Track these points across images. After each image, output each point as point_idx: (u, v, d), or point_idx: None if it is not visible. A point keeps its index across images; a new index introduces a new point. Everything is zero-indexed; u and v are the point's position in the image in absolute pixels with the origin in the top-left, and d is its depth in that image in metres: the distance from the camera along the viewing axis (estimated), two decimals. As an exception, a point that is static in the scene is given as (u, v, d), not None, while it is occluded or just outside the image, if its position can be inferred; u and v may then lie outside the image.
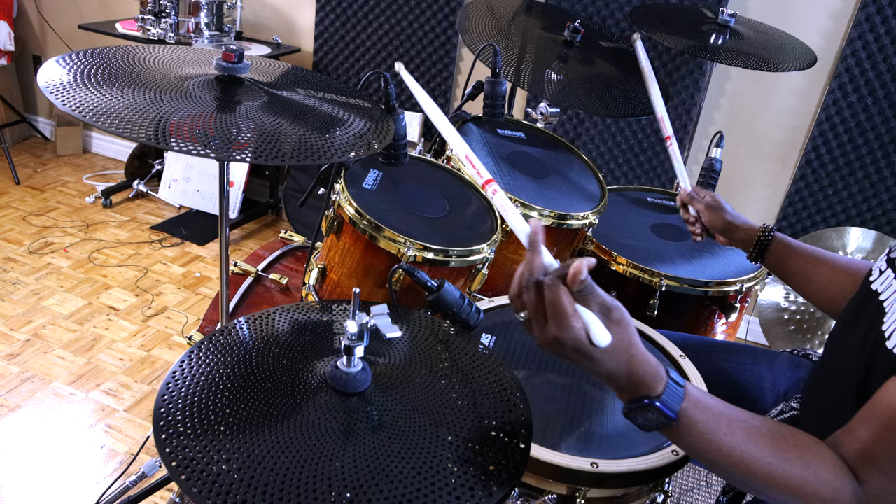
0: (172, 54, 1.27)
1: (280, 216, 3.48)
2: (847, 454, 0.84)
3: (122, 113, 0.99)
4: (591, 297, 0.79)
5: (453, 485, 0.78)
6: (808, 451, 0.84)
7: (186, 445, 0.78)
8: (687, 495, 2.09)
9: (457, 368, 0.99)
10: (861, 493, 0.82)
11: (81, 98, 1.01)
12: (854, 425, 0.85)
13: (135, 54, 1.22)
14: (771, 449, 0.83)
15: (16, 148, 3.76)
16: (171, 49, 1.29)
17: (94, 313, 2.56)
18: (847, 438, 0.85)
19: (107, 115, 0.98)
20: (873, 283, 1.02)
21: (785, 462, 0.83)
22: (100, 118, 0.96)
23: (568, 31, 1.97)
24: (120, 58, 1.18)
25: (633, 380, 0.82)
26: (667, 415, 0.82)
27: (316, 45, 3.15)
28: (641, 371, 0.81)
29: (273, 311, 1.05)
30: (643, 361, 0.82)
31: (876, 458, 0.82)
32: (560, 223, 1.53)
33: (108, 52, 1.19)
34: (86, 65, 1.12)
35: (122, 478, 1.82)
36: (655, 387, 0.82)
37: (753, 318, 2.82)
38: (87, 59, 1.14)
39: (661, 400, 0.81)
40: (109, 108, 1.00)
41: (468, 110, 1.73)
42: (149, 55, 1.23)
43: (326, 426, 0.83)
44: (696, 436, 0.84)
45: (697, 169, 2.66)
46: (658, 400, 0.81)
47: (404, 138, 1.34)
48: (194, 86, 1.12)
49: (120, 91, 1.05)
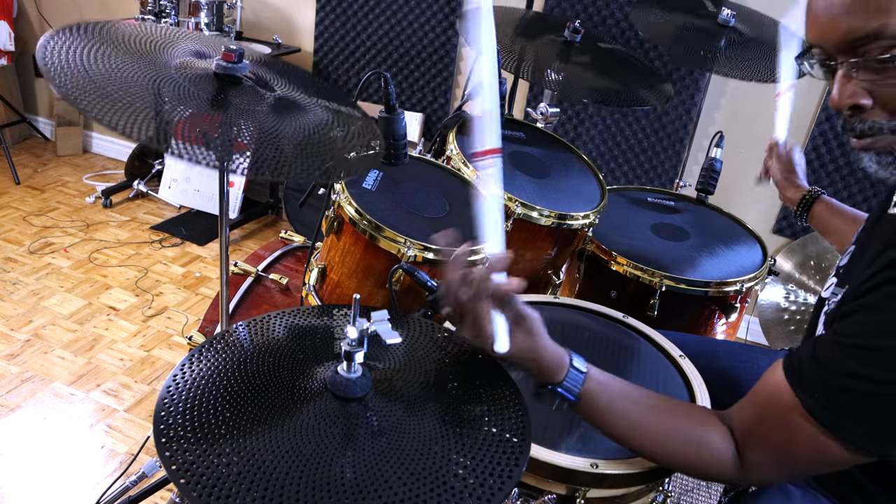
0: (174, 37, 1.26)
1: (280, 216, 3.48)
2: (734, 428, 0.94)
3: (120, 105, 0.97)
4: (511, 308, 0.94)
5: (452, 485, 0.78)
6: (700, 424, 0.96)
7: (187, 449, 0.78)
8: (687, 495, 2.10)
9: (453, 371, 0.99)
10: (740, 463, 0.92)
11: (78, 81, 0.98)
12: (743, 402, 0.95)
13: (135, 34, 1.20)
14: (668, 423, 0.96)
15: (16, 148, 3.76)
16: (173, 31, 1.28)
17: (95, 313, 2.56)
18: (735, 413, 0.95)
19: (104, 106, 0.95)
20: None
21: (680, 435, 0.95)
22: (95, 107, 0.94)
23: (568, 32, 1.97)
24: (120, 37, 1.17)
25: (539, 371, 0.96)
26: (567, 398, 0.95)
27: (316, 45, 3.15)
28: (545, 363, 0.95)
29: (274, 316, 1.05)
30: (547, 357, 0.95)
31: (752, 433, 0.92)
32: (560, 223, 1.53)
33: (109, 29, 1.17)
34: (85, 43, 1.11)
35: (122, 478, 1.82)
36: (557, 374, 0.95)
37: (753, 318, 2.82)
38: (86, 35, 1.13)
39: (563, 385, 0.95)
40: (107, 96, 0.97)
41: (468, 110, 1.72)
42: (150, 36, 1.22)
43: (326, 431, 0.83)
44: (600, 413, 0.97)
45: (697, 169, 2.66)
46: (560, 386, 0.95)
47: (404, 138, 1.34)
48: (192, 80, 1.12)
49: (119, 74, 1.04)
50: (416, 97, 3.08)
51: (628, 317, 1.39)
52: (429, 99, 3.06)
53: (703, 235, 1.79)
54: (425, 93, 3.06)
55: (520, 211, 1.49)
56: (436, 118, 3.08)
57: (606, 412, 0.97)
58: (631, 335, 1.35)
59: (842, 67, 0.82)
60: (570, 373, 0.96)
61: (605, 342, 1.32)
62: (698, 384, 1.20)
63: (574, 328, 1.35)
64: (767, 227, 2.76)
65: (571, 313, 1.40)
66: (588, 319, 1.39)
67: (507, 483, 0.80)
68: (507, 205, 1.50)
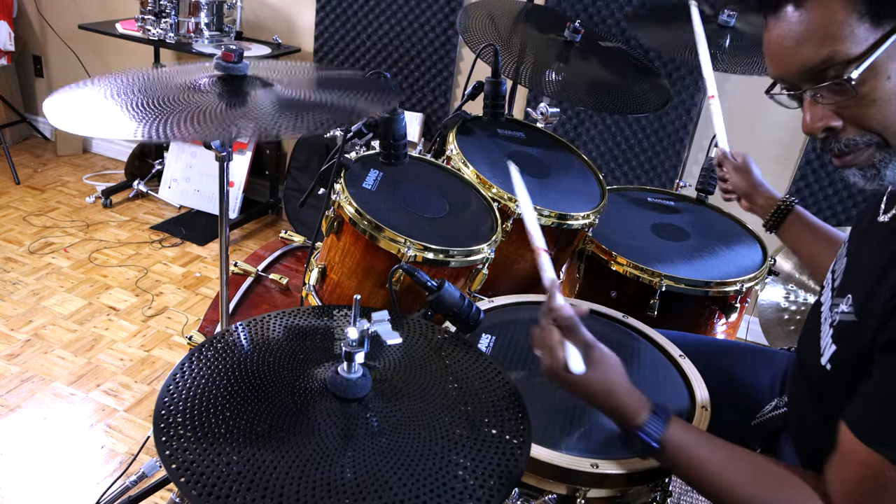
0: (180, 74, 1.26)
1: (280, 216, 3.48)
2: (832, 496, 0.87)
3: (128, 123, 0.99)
4: (577, 336, 0.97)
5: (452, 485, 0.78)
6: (786, 485, 0.91)
7: (187, 448, 0.78)
8: (687, 495, 2.09)
9: (453, 372, 0.99)
10: None
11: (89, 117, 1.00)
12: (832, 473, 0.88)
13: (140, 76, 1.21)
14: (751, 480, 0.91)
15: (16, 148, 3.76)
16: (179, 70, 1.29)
17: (95, 313, 2.56)
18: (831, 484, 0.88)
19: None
20: (823, 293, 1.07)
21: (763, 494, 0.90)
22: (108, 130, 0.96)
23: (568, 31, 1.97)
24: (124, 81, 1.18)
25: (617, 410, 0.96)
26: (648, 442, 0.94)
27: (316, 45, 3.15)
28: (622, 402, 0.96)
29: (274, 316, 1.05)
30: (623, 396, 0.96)
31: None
32: (560, 223, 1.53)
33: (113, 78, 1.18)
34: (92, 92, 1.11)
35: (122, 478, 1.82)
36: (637, 417, 0.95)
37: (753, 318, 2.82)
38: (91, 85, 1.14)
39: (643, 429, 0.94)
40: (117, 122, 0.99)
41: (468, 110, 1.72)
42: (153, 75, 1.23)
43: (326, 431, 0.83)
44: (682, 464, 0.94)
45: (697, 169, 2.66)
46: (639, 429, 0.94)
47: (404, 138, 1.34)
48: (196, 87, 1.12)
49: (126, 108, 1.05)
50: (416, 97, 3.08)
51: (628, 317, 1.39)
52: (429, 99, 3.06)
53: (703, 235, 1.79)
54: (425, 93, 3.06)
55: (520, 211, 1.49)
56: (436, 118, 3.08)
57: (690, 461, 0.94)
58: (631, 335, 1.35)
59: (807, 95, 0.87)
60: (651, 417, 0.95)
61: (605, 342, 1.31)
62: (698, 384, 1.20)
63: (574, 328, 1.35)
64: (767, 227, 2.76)
65: (571, 313, 1.40)
66: (588, 319, 1.38)
67: (507, 484, 0.80)
68: (507, 205, 1.51)
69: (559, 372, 0.96)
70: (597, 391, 0.97)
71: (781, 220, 1.41)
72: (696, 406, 1.15)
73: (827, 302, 1.01)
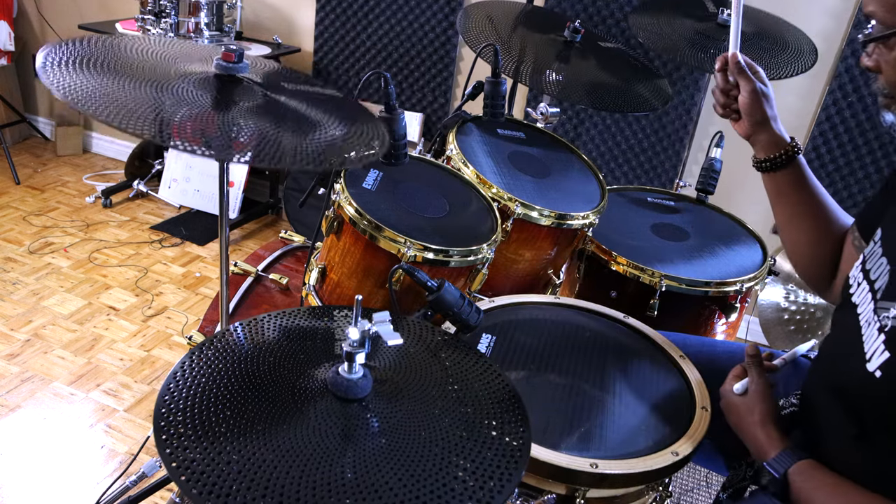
0: (173, 48, 1.26)
1: (280, 216, 3.48)
2: None
3: (121, 106, 0.98)
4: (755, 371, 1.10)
5: (452, 486, 0.78)
6: None
7: (187, 447, 0.78)
8: (687, 495, 2.10)
9: (453, 373, 0.99)
10: None
11: (79, 87, 0.99)
12: None
13: (134, 45, 1.21)
14: None
15: (16, 148, 3.76)
16: (171, 43, 1.28)
17: (94, 313, 2.56)
18: None
19: (105, 107, 0.96)
20: (853, 294, 1.03)
21: None
22: (97, 109, 0.94)
23: (568, 31, 1.97)
24: (119, 48, 1.17)
25: (756, 440, 1.03)
26: (772, 474, 0.97)
27: (316, 45, 3.15)
28: (763, 437, 1.02)
29: (274, 316, 1.05)
30: (766, 430, 1.02)
31: None
32: (560, 223, 1.53)
33: (108, 42, 1.18)
34: (84, 54, 1.11)
35: (122, 478, 1.82)
36: (768, 452, 1.00)
37: (753, 318, 2.82)
38: (85, 47, 1.13)
39: (769, 462, 0.98)
40: (107, 98, 0.98)
41: (468, 110, 1.72)
42: (148, 47, 1.22)
43: (327, 431, 0.83)
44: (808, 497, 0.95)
45: (697, 169, 2.66)
46: (766, 462, 0.99)
47: (404, 138, 1.34)
48: (193, 84, 1.12)
49: (118, 82, 1.04)
50: (416, 97, 3.08)
51: (628, 317, 1.39)
52: (429, 99, 3.06)
53: (703, 235, 1.79)
54: (425, 93, 3.06)
55: (520, 211, 1.49)
56: (436, 118, 3.08)
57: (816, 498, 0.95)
58: (631, 335, 1.35)
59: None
60: (781, 453, 0.99)
61: (605, 342, 1.32)
62: (698, 384, 1.20)
63: (574, 328, 1.35)
64: (767, 227, 2.74)
65: (571, 313, 1.40)
66: (588, 319, 1.39)
67: (507, 486, 0.80)
68: (506, 205, 1.51)
69: (725, 390, 1.10)
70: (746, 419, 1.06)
71: (783, 165, 1.22)
72: (696, 406, 1.15)
73: (866, 304, 0.98)
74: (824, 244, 1.23)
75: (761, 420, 1.04)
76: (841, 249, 1.22)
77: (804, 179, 1.22)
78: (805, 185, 1.22)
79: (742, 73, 1.23)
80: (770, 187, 1.25)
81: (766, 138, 1.23)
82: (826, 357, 1.10)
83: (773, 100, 1.24)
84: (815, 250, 1.24)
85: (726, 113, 1.28)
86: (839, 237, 1.23)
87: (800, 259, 1.27)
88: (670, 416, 1.14)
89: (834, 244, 1.23)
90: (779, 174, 1.23)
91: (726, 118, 1.29)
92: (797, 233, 1.25)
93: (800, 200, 1.23)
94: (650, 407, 1.16)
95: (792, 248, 1.28)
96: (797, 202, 1.23)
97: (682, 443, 1.06)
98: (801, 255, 1.27)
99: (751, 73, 1.23)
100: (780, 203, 1.25)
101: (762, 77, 1.25)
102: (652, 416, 1.13)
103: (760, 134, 1.24)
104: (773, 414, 1.05)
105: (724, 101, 1.28)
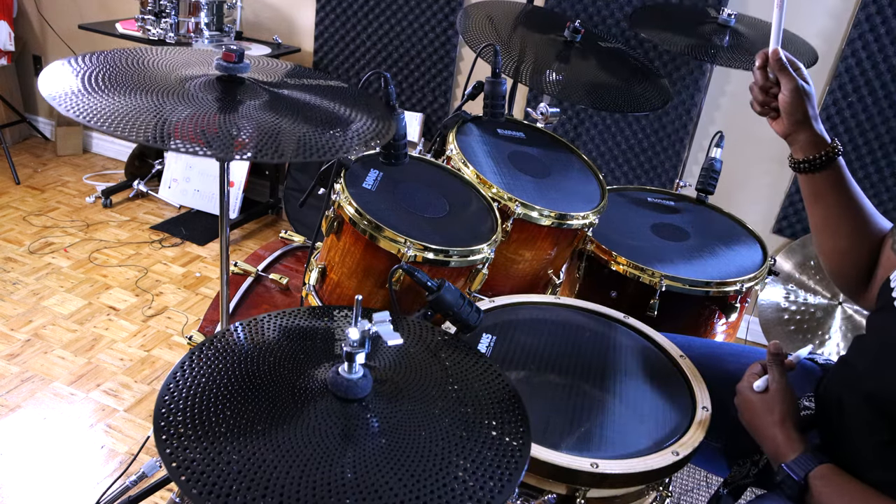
0: (174, 56, 1.26)
1: (280, 216, 3.48)
2: None
3: (125, 116, 0.99)
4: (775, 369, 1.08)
5: (452, 486, 0.78)
6: None
7: (187, 446, 0.78)
8: (687, 495, 2.10)
9: (453, 373, 0.99)
10: None
11: (84, 103, 1.01)
12: None
13: (136, 57, 1.22)
14: None
15: (16, 148, 3.76)
16: (173, 51, 1.29)
17: (95, 313, 2.56)
18: None
19: (110, 119, 0.97)
20: (893, 290, 1.01)
21: None
22: (103, 122, 0.96)
23: (568, 32, 1.97)
24: (121, 61, 1.18)
25: (774, 440, 1.02)
26: (791, 476, 0.96)
27: (316, 45, 3.15)
28: (781, 437, 1.01)
29: (274, 316, 1.05)
30: (786, 430, 1.01)
31: None
32: (560, 223, 1.53)
33: (109, 56, 1.19)
34: (87, 69, 1.12)
35: (122, 478, 1.82)
36: (787, 454, 0.99)
37: (753, 318, 2.82)
38: (88, 63, 1.14)
39: (787, 464, 0.97)
40: (112, 112, 0.99)
41: (468, 110, 1.72)
42: (150, 58, 1.23)
43: (327, 432, 0.83)
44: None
45: (697, 169, 2.66)
46: (785, 463, 0.98)
47: (404, 138, 1.34)
48: (195, 86, 1.12)
49: (122, 96, 1.05)
50: (416, 97, 3.08)
51: (628, 317, 1.39)
52: (429, 99, 3.06)
53: (703, 235, 1.79)
54: (425, 93, 3.06)
55: (520, 211, 1.49)
56: (436, 118, 3.08)
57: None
58: (631, 335, 1.35)
59: None
60: (801, 455, 0.98)
61: (605, 342, 1.32)
62: (698, 384, 1.20)
63: (574, 328, 1.35)
64: (767, 227, 2.76)
65: (571, 313, 1.40)
66: (588, 319, 1.39)
67: (508, 486, 0.80)
68: (507, 205, 1.51)
69: (742, 387, 1.09)
70: (764, 417, 1.05)
71: (822, 167, 1.16)
72: (697, 406, 1.15)
73: None
74: (860, 248, 1.18)
75: (781, 419, 1.03)
76: (878, 254, 1.17)
77: (843, 182, 1.17)
78: (844, 188, 1.17)
79: (784, 70, 1.17)
80: (807, 189, 1.20)
81: (805, 138, 1.18)
82: (860, 361, 1.06)
83: (814, 98, 1.19)
84: (851, 255, 1.19)
85: (764, 111, 1.23)
86: (877, 242, 1.18)
87: (834, 264, 1.22)
88: (670, 415, 1.14)
89: (871, 249, 1.18)
90: (817, 176, 1.17)
91: (764, 116, 1.24)
92: (833, 237, 1.20)
93: (837, 203, 1.18)
94: (650, 407, 1.16)
95: (826, 252, 1.22)
96: (834, 204, 1.18)
97: (682, 443, 1.06)
98: (835, 260, 1.21)
99: (792, 69, 1.17)
100: (816, 205, 1.20)
101: (804, 74, 1.19)
102: (652, 416, 1.13)
103: (800, 133, 1.18)
104: (794, 414, 1.03)
105: (762, 98, 1.22)
